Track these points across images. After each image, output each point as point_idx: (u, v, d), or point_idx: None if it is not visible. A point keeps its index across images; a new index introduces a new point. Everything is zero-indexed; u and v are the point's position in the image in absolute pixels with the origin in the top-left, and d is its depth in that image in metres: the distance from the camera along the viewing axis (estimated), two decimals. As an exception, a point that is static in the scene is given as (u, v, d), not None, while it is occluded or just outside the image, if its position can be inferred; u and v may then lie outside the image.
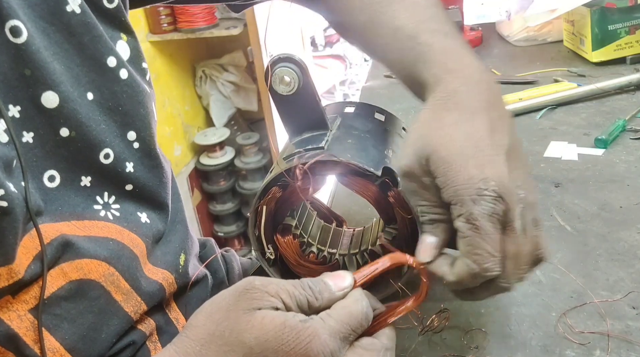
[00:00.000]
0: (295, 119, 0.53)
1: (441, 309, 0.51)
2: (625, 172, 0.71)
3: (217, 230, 2.34)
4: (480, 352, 0.49)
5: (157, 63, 2.03)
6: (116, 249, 0.49)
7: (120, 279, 0.50)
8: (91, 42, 0.47)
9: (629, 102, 0.89)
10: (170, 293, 0.56)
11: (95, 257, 0.47)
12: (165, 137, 2.04)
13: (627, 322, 0.49)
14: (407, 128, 0.61)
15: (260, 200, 0.51)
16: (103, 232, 0.49)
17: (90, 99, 0.48)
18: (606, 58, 1.03)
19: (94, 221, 0.49)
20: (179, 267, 0.57)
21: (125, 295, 0.50)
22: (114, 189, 0.51)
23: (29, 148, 0.45)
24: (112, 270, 0.49)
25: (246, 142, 2.20)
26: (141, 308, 0.52)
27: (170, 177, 0.58)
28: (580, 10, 1.03)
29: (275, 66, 0.49)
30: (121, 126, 0.50)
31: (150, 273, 0.53)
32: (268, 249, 0.54)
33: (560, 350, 0.48)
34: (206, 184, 2.27)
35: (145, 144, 0.52)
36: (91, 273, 0.47)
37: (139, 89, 0.51)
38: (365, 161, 0.49)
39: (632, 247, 0.58)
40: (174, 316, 0.59)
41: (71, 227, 0.47)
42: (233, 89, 2.25)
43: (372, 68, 1.28)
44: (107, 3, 0.49)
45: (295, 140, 0.53)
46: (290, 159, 0.50)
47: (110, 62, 0.49)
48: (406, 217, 0.50)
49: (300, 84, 0.50)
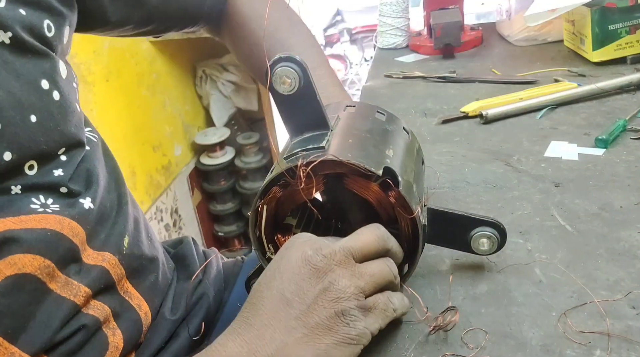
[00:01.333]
0: (295, 119, 0.53)
1: (449, 307, 0.51)
2: (625, 172, 0.71)
3: (217, 230, 2.34)
4: (480, 352, 0.49)
5: (157, 63, 2.03)
6: (53, 240, 0.51)
7: (55, 270, 0.51)
8: (25, 69, 0.50)
9: (629, 102, 0.89)
10: (117, 275, 0.58)
11: (29, 252, 0.49)
12: (166, 137, 2.04)
13: (627, 322, 0.49)
14: (407, 128, 0.61)
15: (261, 199, 0.51)
16: (41, 224, 0.50)
17: (34, 121, 0.50)
18: (607, 58, 1.03)
19: (32, 215, 0.50)
20: (123, 249, 0.59)
21: (61, 283, 0.52)
22: (48, 193, 0.52)
23: None
24: (47, 262, 0.50)
25: (246, 142, 2.20)
26: (81, 291, 0.53)
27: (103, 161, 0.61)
28: (580, 10, 1.03)
29: (276, 66, 0.49)
30: (55, 144, 0.52)
31: (89, 259, 0.55)
32: (269, 249, 0.54)
33: (560, 350, 0.48)
34: (206, 184, 2.27)
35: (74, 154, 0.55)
36: (25, 267, 0.49)
37: (70, 109, 0.54)
38: (366, 161, 0.49)
39: (633, 247, 0.58)
40: (136, 302, 0.60)
41: (6, 223, 0.48)
42: (233, 89, 2.25)
43: (372, 68, 1.28)
44: (46, 32, 0.52)
45: (295, 140, 0.53)
46: (291, 159, 0.50)
47: (44, 85, 0.51)
48: (407, 217, 0.50)
49: (301, 84, 0.50)
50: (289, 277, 0.45)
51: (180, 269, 0.72)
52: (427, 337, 0.51)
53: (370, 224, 0.50)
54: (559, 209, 0.66)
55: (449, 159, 0.81)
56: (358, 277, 0.46)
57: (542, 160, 0.77)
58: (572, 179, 0.71)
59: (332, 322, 0.44)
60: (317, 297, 0.44)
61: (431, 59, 1.27)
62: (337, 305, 0.44)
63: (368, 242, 0.48)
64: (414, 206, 0.50)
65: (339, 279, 0.45)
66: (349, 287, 0.45)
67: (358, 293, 0.45)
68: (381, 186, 0.50)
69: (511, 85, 1.03)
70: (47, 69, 0.52)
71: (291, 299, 0.44)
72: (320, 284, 0.44)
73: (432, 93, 1.07)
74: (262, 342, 0.44)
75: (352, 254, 0.47)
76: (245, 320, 0.46)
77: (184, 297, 0.68)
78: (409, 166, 0.54)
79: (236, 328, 0.46)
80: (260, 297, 0.46)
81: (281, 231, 0.54)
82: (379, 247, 0.48)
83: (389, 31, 1.36)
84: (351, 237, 0.48)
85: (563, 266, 0.57)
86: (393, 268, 0.49)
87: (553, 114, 0.90)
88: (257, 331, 0.44)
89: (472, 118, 0.92)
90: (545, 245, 0.60)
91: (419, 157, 0.61)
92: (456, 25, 1.21)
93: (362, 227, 0.50)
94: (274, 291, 0.45)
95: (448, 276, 0.58)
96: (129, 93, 1.85)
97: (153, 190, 1.93)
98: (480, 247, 0.56)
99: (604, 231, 0.61)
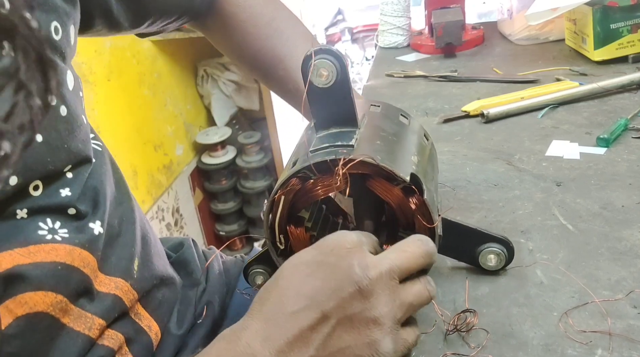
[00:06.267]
0: (325, 112, 0.52)
1: (467, 309, 0.51)
2: (627, 171, 0.71)
3: (218, 229, 2.34)
4: (481, 351, 0.49)
5: (158, 62, 2.03)
6: (64, 274, 0.48)
7: (68, 304, 0.48)
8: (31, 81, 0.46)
9: (631, 101, 0.89)
10: (130, 301, 0.55)
11: (40, 288, 0.46)
12: (167, 137, 2.05)
13: (628, 322, 0.49)
14: (427, 135, 0.60)
15: (280, 190, 0.51)
16: (50, 256, 0.47)
17: (40, 141, 0.47)
18: (608, 57, 1.03)
19: (41, 245, 0.46)
20: (133, 273, 0.56)
21: (74, 316, 0.49)
22: (56, 216, 0.49)
23: None
24: (59, 297, 0.47)
25: (248, 141, 2.20)
26: (96, 323, 0.51)
27: (111, 172, 0.57)
28: (582, 9, 1.03)
29: (315, 57, 0.48)
30: (62, 163, 0.49)
31: (102, 286, 0.52)
32: (279, 239, 0.53)
33: (562, 349, 0.48)
34: (208, 183, 2.27)
35: (81, 171, 0.51)
36: (37, 305, 0.46)
37: (77, 123, 0.51)
38: (395, 165, 0.49)
39: (634, 246, 0.58)
40: (146, 324, 0.58)
41: (14, 256, 0.45)
42: (235, 88, 2.24)
43: (374, 67, 1.28)
44: (54, 35, 0.48)
45: (322, 134, 0.52)
46: (318, 153, 0.49)
47: (52, 100, 0.48)
48: (427, 225, 0.50)
49: (337, 78, 0.49)
50: (330, 290, 0.41)
51: (183, 276, 0.69)
52: (427, 337, 0.51)
53: (418, 236, 0.46)
54: (560, 208, 0.66)
55: (450, 158, 0.81)
56: (398, 307, 0.42)
57: (544, 159, 0.77)
58: (574, 178, 0.71)
59: (360, 352, 0.41)
60: (355, 321, 0.41)
61: (432, 58, 1.26)
62: (374, 335, 0.41)
63: (414, 260, 0.44)
64: (434, 216, 0.50)
65: (380, 306, 0.41)
66: (387, 318, 0.41)
67: (395, 326, 0.42)
68: (403, 190, 0.50)
69: (512, 85, 1.03)
70: (56, 81, 0.49)
71: (329, 316, 0.40)
72: (361, 308, 0.41)
73: (433, 92, 1.07)
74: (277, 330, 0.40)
75: (397, 275, 0.43)
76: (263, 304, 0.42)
77: (189, 310, 0.66)
78: (430, 174, 0.55)
79: (254, 313, 0.42)
80: (286, 288, 0.42)
81: (294, 222, 0.54)
82: (424, 264, 0.45)
83: (390, 30, 1.36)
84: (398, 253, 0.44)
85: (564, 265, 0.57)
86: (432, 291, 0.45)
87: (554, 113, 0.90)
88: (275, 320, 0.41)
89: (474, 117, 0.92)
90: (546, 244, 0.60)
91: (436, 165, 0.61)
92: (457, 24, 1.20)
93: (409, 238, 0.46)
94: (306, 290, 0.41)
95: (450, 277, 0.58)
96: (130, 92, 1.85)
97: (154, 189, 1.93)
98: (488, 263, 0.56)
99: (606, 230, 0.61)
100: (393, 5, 1.34)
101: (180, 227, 2.08)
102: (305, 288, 0.41)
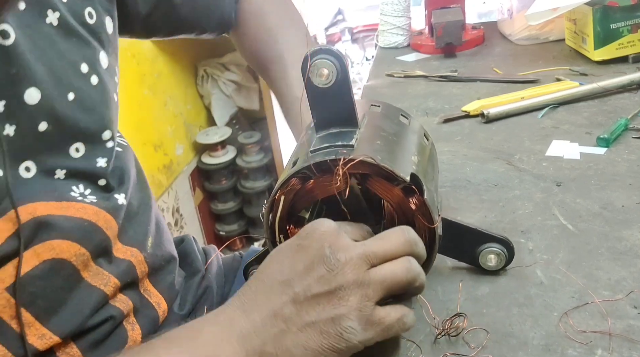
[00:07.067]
0: (325, 112, 0.52)
1: (458, 313, 0.51)
2: (627, 171, 0.71)
3: (218, 229, 2.34)
4: (481, 352, 0.49)
5: (159, 62, 2.03)
6: (89, 231, 0.54)
7: (89, 259, 0.54)
8: (68, 51, 0.54)
9: (631, 101, 0.89)
10: (142, 272, 0.61)
11: (67, 238, 0.52)
12: (167, 136, 2.05)
13: (629, 322, 0.49)
14: (428, 135, 0.60)
15: (280, 190, 0.51)
16: (79, 213, 0.53)
17: (71, 99, 0.53)
18: (608, 57, 1.03)
19: (72, 202, 0.53)
20: (147, 247, 0.62)
21: (92, 272, 0.55)
22: (87, 183, 0.55)
23: (9, 140, 0.49)
24: (82, 250, 0.53)
25: (248, 141, 2.20)
26: (111, 281, 0.56)
27: (133, 162, 0.66)
28: (582, 9, 1.03)
29: (315, 57, 0.48)
30: (97, 125, 0.56)
31: (118, 252, 0.58)
32: (280, 239, 0.53)
33: (562, 349, 0.48)
34: (208, 183, 2.27)
35: (114, 147, 0.59)
36: (63, 253, 0.52)
37: (108, 96, 0.58)
38: (395, 165, 0.48)
39: (634, 246, 0.58)
40: (155, 300, 0.63)
41: (48, 207, 0.51)
42: (235, 88, 2.25)
43: (374, 67, 1.28)
44: (88, 19, 0.57)
45: (322, 134, 0.52)
46: (318, 153, 0.49)
47: (83, 68, 0.55)
48: (428, 225, 0.50)
49: (337, 78, 0.49)
50: (301, 270, 0.44)
51: (184, 266, 0.74)
52: (428, 337, 0.51)
53: (399, 227, 0.47)
54: (560, 208, 0.66)
55: (450, 158, 0.81)
56: (366, 286, 0.43)
57: (544, 159, 0.77)
58: (574, 178, 0.71)
59: (326, 327, 0.43)
60: (321, 297, 0.43)
61: (432, 58, 1.26)
62: (336, 311, 0.43)
63: (392, 248, 0.45)
64: (435, 216, 0.50)
65: (347, 285, 0.43)
66: (353, 296, 0.43)
67: (363, 304, 0.43)
68: (403, 190, 0.50)
69: (512, 84, 1.03)
70: (88, 54, 0.56)
71: (298, 293, 0.43)
72: (327, 286, 0.43)
73: (433, 92, 1.07)
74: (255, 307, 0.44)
75: (370, 261, 0.44)
76: (248, 287, 0.46)
77: (190, 293, 0.71)
78: (430, 174, 0.54)
79: (238, 294, 0.46)
80: (267, 271, 0.45)
81: (294, 222, 0.54)
82: (404, 252, 0.45)
83: (390, 30, 1.36)
84: (376, 241, 0.46)
85: (564, 265, 0.57)
86: (412, 268, 0.45)
87: (554, 113, 0.89)
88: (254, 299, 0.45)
89: (474, 117, 0.92)
90: (546, 244, 0.60)
91: (436, 165, 0.61)
92: (457, 24, 1.20)
93: (391, 229, 0.47)
94: (283, 272, 0.44)
95: (450, 278, 0.58)
96: (130, 92, 1.85)
97: (154, 189, 1.93)
98: (488, 263, 0.56)
99: (606, 230, 0.61)
100: (393, 5, 1.34)
101: (180, 227, 2.08)
102: (281, 269, 0.45)
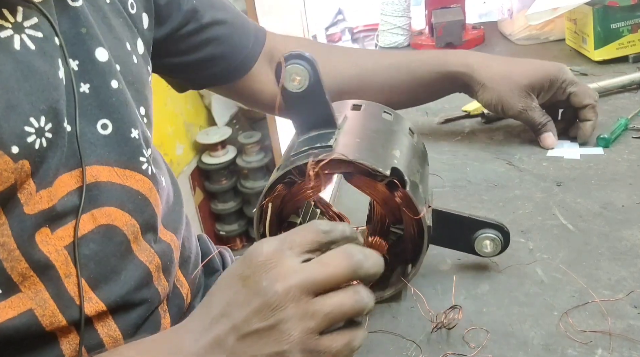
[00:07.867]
0: (303, 117, 0.53)
1: (453, 306, 0.51)
2: (627, 171, 0.71)
3: (218, 229, 2.34)
4: (481, 351, 0.49)
5: (159, 62, 2.02)
6: (142, 205, 0.55)
7: (138, 232, 0.55)
8: (117, 27, 0.57)
9: (631, 101, 0.89)
10: (176, 260, 0.62)
11: (121, 208, 0.54)
12: (167, 136, 2.04)
13: (629, 322, 0.49)
14: (413, 129, 0.61)
15: (266, 197, 0.51)
16: (138, 185, 0.55)
17: (119, 69, 0.55)
18: (608, 57, 1.03)
19: (135, 172, 0.55)
20: (181, 235, 0.64)
21: (141, 247, 0.56)
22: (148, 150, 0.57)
23: (85, 97, 0.52)
24: (133, 222, 0.55)
25: (248, 141, 2.20)
26: (155, 260, 0.57)
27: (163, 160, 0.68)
28: (582, 9, 1.03)
29: (287, 62, 0.49)
30: (137, 99, 0.58)
31: (162, 234, 0.60)
32: None
33: (562, 349, 0.48)
34: (208, 183, 2.27)
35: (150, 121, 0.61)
36: (116, 220, 0.53)
37: (145, 77, 0.60)
38: (374, 161, 0.49)
39: (634, 246, 0.58)
40: (185, 292, 0.64)
41: (111, 173, 0.53)
42: (235, 88, 2.24)
43: (374, 67, 1.28)
44: (130, 8, 0.60)
45: (302, 138, 0.53)
46: (299, 157, 0.50)
47: (127, 46, 0.58)
48: (413, 217, 0.50)
49: (310, 82, 0.50)
50: (241, 302, 0.41)
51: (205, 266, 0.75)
52: (428, 337, 0.51)
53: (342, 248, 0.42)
54: (560, 208, 0.66)
55: (450, 158, 0.81)
56: (310, 318, 0.40)
57: (544, 159, 0.77)
58: (574, 178, 0.71)
59: None
60: (262, 332, 0.41)
61: (433, 58, 1.26)
62: (279, 347, 0.40)
63: (335, 274, 0.41)
64: (420, 207, 0.50)
65: (287, 319, 0.40)
66: (295, 330, 0.40)
67: (306, 337, 0.40)
68: (387, 186, 0.50)
69: (513, 84, 1.03)
70: (130, 37, 0.59)
71: (240, 327, 0.41)
72: (266, 322, 0.40)
73: (433, 92, 1.06)
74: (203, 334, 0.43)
75: (311, 290, 0.41)
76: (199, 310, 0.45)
77: None
78: (414, 167, 0.54)
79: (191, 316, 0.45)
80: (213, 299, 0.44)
81: (285, 228, 0.54)
82: (348, 278, 0.41)
83: (390, 30, 1.36)
84: (317, 266, 0.41)
85: (565, 265, 0.57)
86: (360, 299, 0.42)
87: (555, 113, 0.89)
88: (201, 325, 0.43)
89: (474, 117, 0.92)
90: (546, 244, 0.60)
91: (424, 158, 0.61)
92: (458, 24, 1.20)
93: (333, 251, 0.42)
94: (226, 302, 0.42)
95: (449, 276, 0.58)
96: (130, 92, 1.85)
97: (155, 189, 1.93)
98: (484, 249, 0.56)
99: (606, 230, 0.61)
100: (393, 5, 1.34)
101: (180, 226, 2.08)
102: (225, 299, 0.43)
